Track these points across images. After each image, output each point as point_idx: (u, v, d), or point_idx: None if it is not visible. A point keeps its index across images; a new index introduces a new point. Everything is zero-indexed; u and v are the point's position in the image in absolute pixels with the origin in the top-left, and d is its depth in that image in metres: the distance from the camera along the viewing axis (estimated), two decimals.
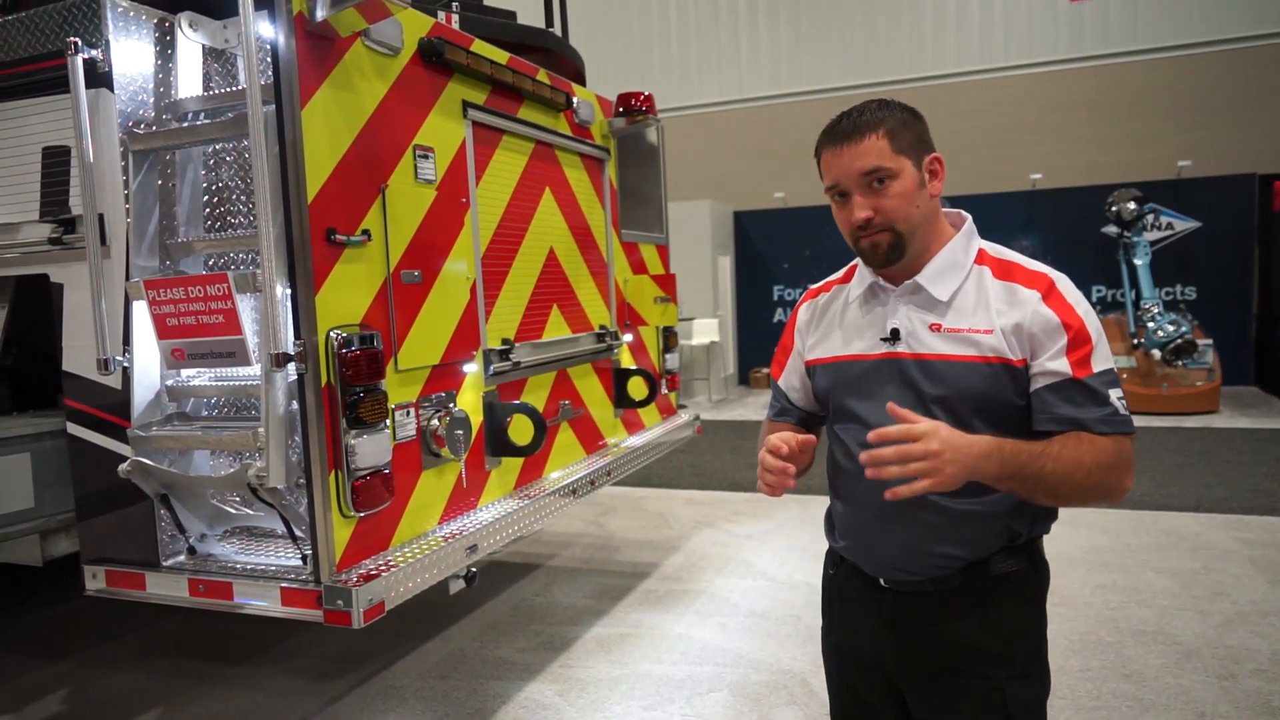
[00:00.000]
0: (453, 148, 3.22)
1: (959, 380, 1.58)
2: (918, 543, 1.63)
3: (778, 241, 13.59)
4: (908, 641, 1.70)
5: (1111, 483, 1.52)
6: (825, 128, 1.65)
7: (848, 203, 1.62)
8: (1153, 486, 6.65)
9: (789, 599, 4.61)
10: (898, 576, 1.69)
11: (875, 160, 1.57)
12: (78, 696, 3.81)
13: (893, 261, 1.63)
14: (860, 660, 1.79)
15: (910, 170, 1.60)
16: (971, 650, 1.65)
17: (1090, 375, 1.54)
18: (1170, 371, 9.72)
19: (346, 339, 2.57)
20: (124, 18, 2.78)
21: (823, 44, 13.57)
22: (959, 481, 1.41)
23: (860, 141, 1.58)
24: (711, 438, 9.33)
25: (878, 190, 1.59)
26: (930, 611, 1.67)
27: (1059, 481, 1.48)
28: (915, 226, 1.62)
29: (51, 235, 2.90)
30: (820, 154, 1.65)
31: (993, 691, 1.63)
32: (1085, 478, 1.49)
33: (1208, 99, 11.72)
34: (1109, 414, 1.53)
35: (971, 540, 1.62)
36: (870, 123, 1.59)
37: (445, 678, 3.84)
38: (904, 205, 1.59)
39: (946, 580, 1.65)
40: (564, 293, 4.10)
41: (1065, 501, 1.54)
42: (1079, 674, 3.62)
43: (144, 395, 2.82)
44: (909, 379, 1.62)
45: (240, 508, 2.93)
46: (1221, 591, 4.47)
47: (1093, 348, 1.55)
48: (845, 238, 1.68)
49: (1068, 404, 1.54)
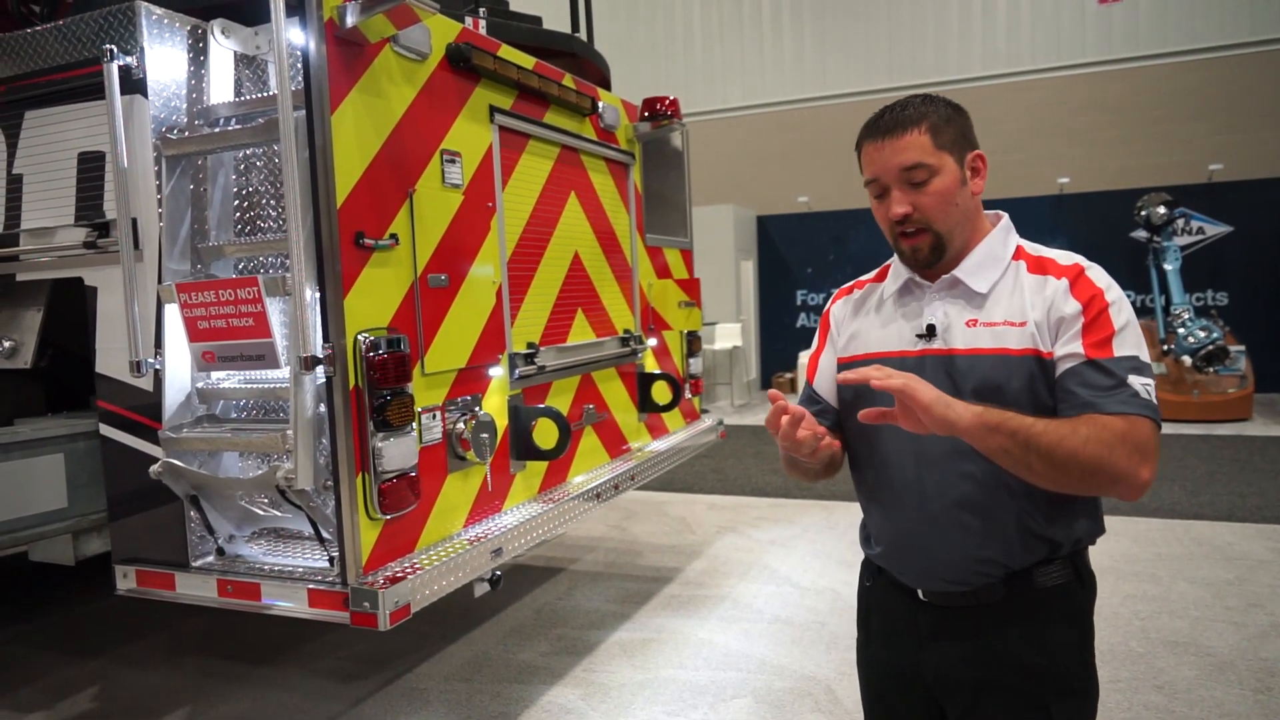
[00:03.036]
0: (479, 152, 3.23)
1: (994, 375, 1.53)
2: (955, 548, 1.58)
3: (801, 246, 13.55)
4: (949, 657, 1.64)
5: (1119, 463, 1.39)
6: (867, 121, 1.62)
7: (887, 198, 1.59)
8: (1184, 495, 6.54)
9: (813, 605, 4.58)
10: (938, 587, 1.64)
11: (916, 156, 1.54)
12: (107, 694, 3.86)
13: (934, 263, 1.61)
14: (899, 676, 1.74)
15: (951, 167, 1.56)
16: (1015, 666, 1.59)
17: (1109, 358, 1.47)
18: (1201, 378, 9.57)
19: (374, 342, 2.58)
20: (159, 25, 2.83)
21: (847, 47, 13.52)
22: (939, 419, 1.39)
23: (901, 136, 1.55)
24: (734, 442, 9.31)
25: (917, 187, 1.56)
26: (973, 626, 1.61)
27: (1052, 445, 1.39)
28: (954, 225, 1.58)
29: (86, 239, 2.94)
30: (861, 147, 1.63)
31: (1037, 709, 1.58)
32: (1083, 446, 1.39)
33: (1239, 101, 11.55)
34: (1127, 395, 1.44)
35: (1010, 547, 1.56)
36: (913, 117, 1.56)
37: (469, 680, 3.84)
38: (943, 203, 1.56)
39: (988, 592, 1.59)
40: (589, 297, 4.10)
41: (1067, 477, 1.42)
42: (1109, 685, 3.56)
43: (175, 397, 2.85)
44: (947, 375, 1.57)
45: (268, 509, 2.96)
46: (1256, 603, 4.39)
47: (1115, 332, 1.48)
48: (885, 234, 1.65)
49: (1083, 386, 1.46)
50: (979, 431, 1.42)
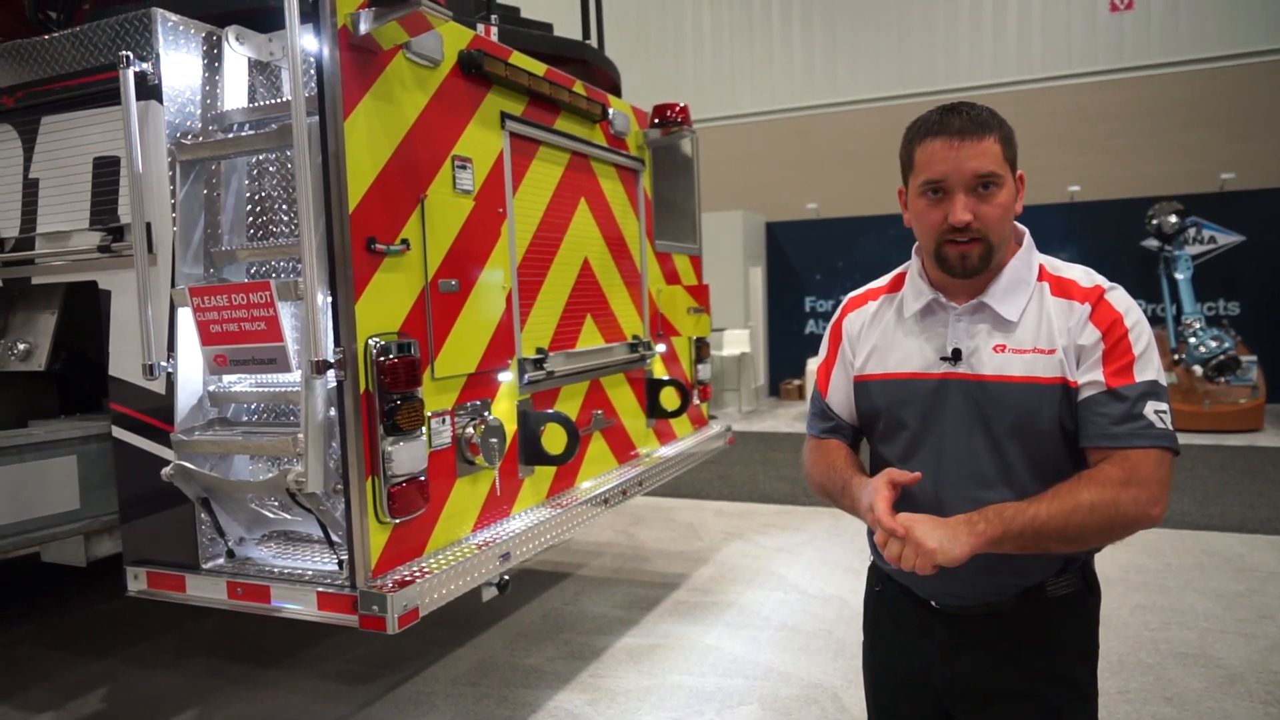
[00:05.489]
0: (490, 158, 3.25)
1: (1027, 404, 1.52)
2: (971, 567, 1.53)
3: (810, 252, 13.54)
4: (962, 664, 1.65)
5: (1127, 512, 1.42)
6: (928, 119, 1.55)
7: (943, 201, 1.52)
8: (1194, 506, 6.51)
9: (820, 612, 4.57)
10: (952, 601, 1.65)
11: (991, 164, 1.50)
12: (117, 695, 3.88)
13: (978, 273, 1.56)
14: (908, 682, 1.74)
15: (1010, 183, 1.54)
16: (1028, 672, 1.61)
17: (1127, 385, 1.47)
18: (1212, 388, 9.52)
19: (385, 347, 2.60)
20: (174, 32, 2.85)
21: (857, 54, 13.52)
22: (962, 559, 1.41)
23: (981, 140, 1.49)
24: (742, 449, 9.30)
25: (983, 196, 1.51)
26: (986, 635, 1.63)
27: (1062, 527, 1.41)
28: (1003, 240, 1.56)
29: (101, 243, 2.97)
30: (923, 144, 1.54)
31: (1049, 713, 1.59)
32: (1089, 517, 1.41)
33: (1252, 110, 11.50)
34: (1140, 426, 1.45)
35: (1025, 569, 1.58)
36: (988, 123, 1.52)
37: (475, 684, 3.85)
38: (1003, 216, 1.53)
39: (1002, 605, 1.60)
40: (598, 302, 4.11)
41: (1087, 544, 1.48)
42: (1118, 696, 3.55)
43: (187, 400, 2.87)
44: (972, 401, 1.56)
45: (278, 512, 2.97)
46: (1267, 614, 4.36)
47: (1135, 358, 1.48)
48: (925, 238, 1.58)
49: (1101, 417, 1.48)
50: (987, 549, 1.44)
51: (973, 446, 1.56)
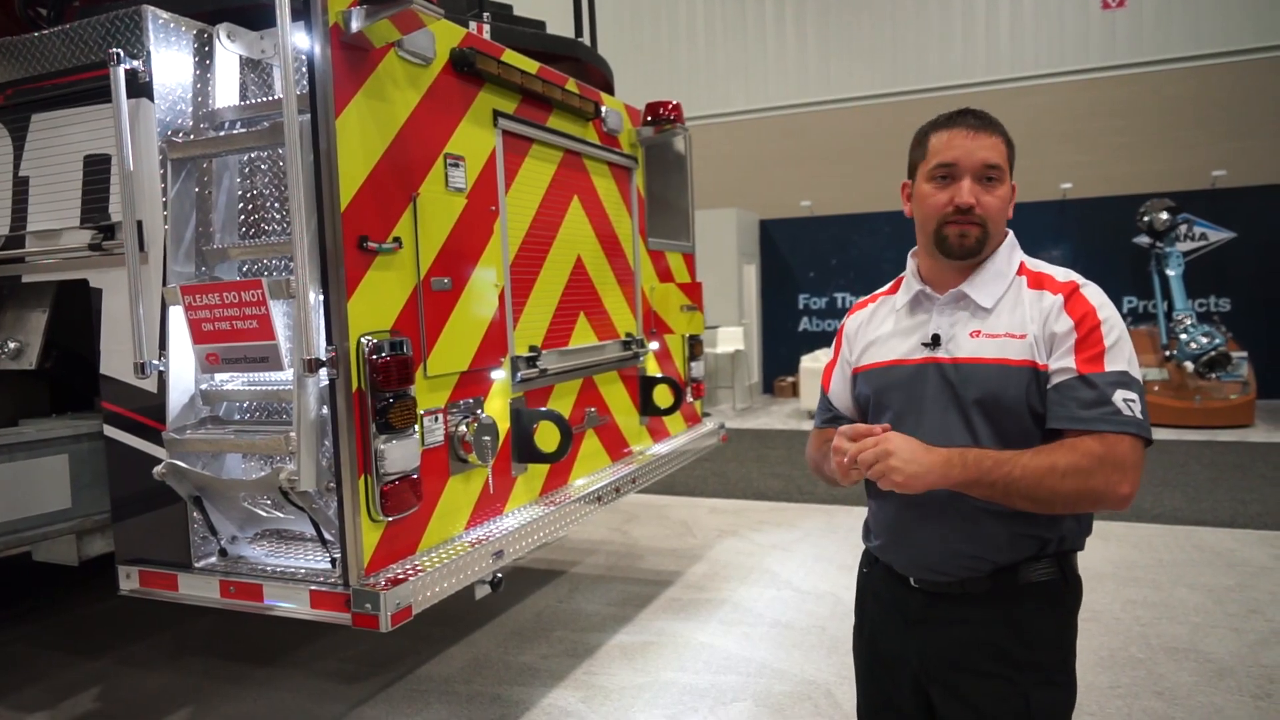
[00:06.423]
0: (483, 156, 3.25)
1: (991, 383, 1.62)
2: (944, 541, 1.67)
3: (803, 250, 13.56)
4: (934, 641, 1.73)
5: (1097, 486, 1.51)
6: (944, 115, 1.72)
7: (951, 184, 1.67)
8: (1185, 501, 6.54)
9: (814, 609, 4.58)
10: (927, 576, 1.72)
11: (997, 158, 1.66)
12: (110, 695, 3.88)
13: (972, 255, 1.69)
14: (888, 658, 1.83)
15: (1009, 182, 1.71)
16: (996, 653, 1.67)
17: (1097, 373, 1.55)
18: (1203, 384, 9.57)
19: (377, 345, 2.60)
20: (165, 29, 2.85)
21: (850, 52, 13.53)
22: (919, 484, 1.52)
23: (992, 135, 1.67)
24: (736, 446, 9.31)
25: (987, 186, 1.66)
26: (956, 613, 1.70)
27: (1032, 486, 1.50)
28: (997, 233, 1.70)
29: (92, 241, 2.96)
30: (938, 133, 1.70)
31: (1016, 696, 1.65)
32: (1060, 482, 1.50)
33: (1243, 108, 11.54)
34: (1108, 412, 1.53)
35: (995, 542, 1.64)
36: (998, 126, 1.70)
37: (469, 682, 3.85)
38: (1001, 208, 1.69)
39: (975, 584, 1.67)
40: (591, 300, 4.12)
41: (1051, 507, 1.55)
42: (1108, 690, 3.57)
43: (179, 399, 2.87)
44: (946, 382, 1.68)
45: (271, 511, 2.97)
46: (1256, 609, 4.38)
47: (1105, 348, 1.57)
48: (927, 221, 1.71)
49: (1070, 401, 1.56)
50: (958, 487, 1.54)
51: (946, 422, 1.67)
